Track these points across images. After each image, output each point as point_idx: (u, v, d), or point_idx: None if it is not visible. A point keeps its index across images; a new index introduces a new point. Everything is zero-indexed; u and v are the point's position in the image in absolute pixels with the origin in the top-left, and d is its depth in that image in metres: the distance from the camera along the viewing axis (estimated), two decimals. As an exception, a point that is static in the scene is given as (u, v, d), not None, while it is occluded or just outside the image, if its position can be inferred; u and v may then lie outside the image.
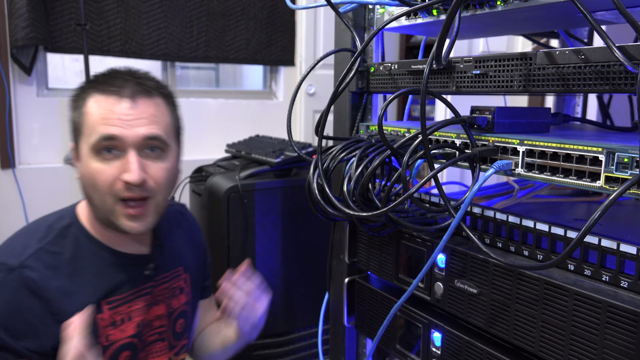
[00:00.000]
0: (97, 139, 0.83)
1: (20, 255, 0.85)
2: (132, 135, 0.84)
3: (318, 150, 0.77)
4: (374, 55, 0.93)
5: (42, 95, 2.70)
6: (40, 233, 0.89)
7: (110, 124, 0.84)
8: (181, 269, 1.05)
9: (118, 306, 0.92)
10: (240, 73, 3.44)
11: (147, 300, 0.96)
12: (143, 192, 0.86)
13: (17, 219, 2.61)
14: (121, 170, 0.84)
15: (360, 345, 1.01)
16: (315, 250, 1.83)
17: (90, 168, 0.85)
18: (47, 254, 0.87)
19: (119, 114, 0.84)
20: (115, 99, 0.85)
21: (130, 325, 0.93)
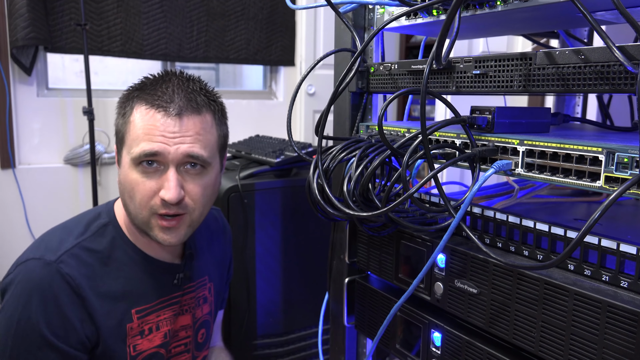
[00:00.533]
0: (138, 154, 0.82)
1: (57, 250, 0.85)
2: (173, 152, 0.82)
3: (318, 150, 0.77)
4: (374, 55, 0.93)
5: (42, 95, 2.70)
6: (79, 229, 0.89)
7: (153, 140, 0.82)
8: (206, 278, 1.05)
9: (146, 315, 0.91)
10: (240, 73, 3.44)
11: (174, 310, 0.95)
12: (179, 210, 0.85)
13: (17, 219, 2.61)
14: (160, 186, 0.83)
15: (360, 345, 1.01)
16: (315, 250, 1.83)
17: (130, 178, 0.84)
18: (84, 251, 0.87)
19: (162, 130, 0.82)
20: (162, 115, 0.82)
21: (157, 335, 0.92)
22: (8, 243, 2.59)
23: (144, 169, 0.83)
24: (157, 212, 0.84)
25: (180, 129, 0.83)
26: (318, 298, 1.05)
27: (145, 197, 0.83)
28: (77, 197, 2.73)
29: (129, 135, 0.85)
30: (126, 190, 0.85)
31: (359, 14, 0.90)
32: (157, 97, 0.84)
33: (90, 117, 2.40)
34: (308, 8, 1.02)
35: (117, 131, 0.88)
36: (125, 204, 0.87)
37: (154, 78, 0.88)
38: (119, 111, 0.88)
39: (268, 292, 1.74)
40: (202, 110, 0.86)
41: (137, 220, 0.86)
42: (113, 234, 0.91)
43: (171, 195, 0.81)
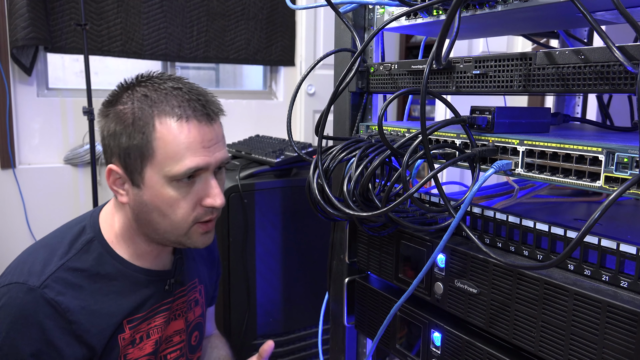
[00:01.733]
0: (184, 171, 0.80)
1: (41, 274, 0.82)
2: (214, 162, 0.83)
3: (318, 150, 0.77)
4: (374, 55, 0.93)
5: (42, 95, 2.70)
6: (62, 248, 0.86)
7: (197, 154, 0.81)
8: (197, 280, 1.04)
9: (138, 324, 0.89)
10: (240, 73, 3.44)
11: (165, 316, 0.94)
12: (218, 213, 0.87)
13: (17, 219, 2.61)
14: (201, 196, 0.83)
15: (360, 345, 1.01)
16: (315, 250, 1.83)
17: (167, 197, 0.82)
18: (69, 272, 0.83)
19: (202, 140, 0.81)
20: (195, 124, 0.81)
21: (148, 343, 0.91)
22: (8, 243, 2.59)
23: (183, 183, 0.82)
24: (201, 220, 0.85)
25: (216, 136, 0.84)
26: (318, 298, 1.05)
27: (188, 210, 0.83)
28: (77, 197, 2.73)
29: (159, 154, 0.80)
30: (159, 209, 0.83)
31: (359, 14, 0.90)
32: (179, 108, 0.81)
33: (90, 117, 2.40)
34: (308, 8, 1.02)
35: (133, 150, 0.81)
36: (154, 222, 0.85)
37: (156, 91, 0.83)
38: (131, 128, 0.81)
39: (268, 292, 1.74)
40: (222, 111, 0.88)
41: (172, 235, 0.85)
42: (99, 250, 0.87)
43: (220, 200, 0.84)
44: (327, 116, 0.78)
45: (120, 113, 0.82)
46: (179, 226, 0.84)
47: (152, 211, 0.84)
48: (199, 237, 0.86)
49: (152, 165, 0.81)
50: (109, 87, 2.93)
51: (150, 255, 0.91)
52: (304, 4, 3.08)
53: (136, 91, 0.83)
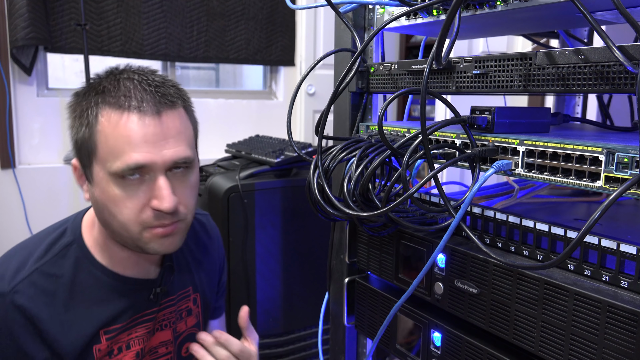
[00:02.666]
0: (121, 168, 0.73)
1: (13, 278, 0.77)
2: (160, 160, 0.74)
3: (318, 150, 0.77)
4: (374, 55, 0.93)
5: (42, 95, 2.70)
6: (39, 252, 0.81)
7: (136, 150, 0.72)
8: (190, 288, 0.97)
9: (117, 335, 0.84)
10: (240, 73, 3.44)
11: (148, 327, 0.88)
12: (173, 219, 0.77)
13: (17, 219, 2.61)
14: (149, 197, 0.75)
15: (360, 345, 1.01)
16: (315, 250, 1.83)
17: (111, 195, 0.75)
18: (43, 277, 0.79)
19: (143, 135, 0.73)
20: (138, 117, 0.73)
21: (128, 355, 0.86)
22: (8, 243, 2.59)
23: (128, 181, 0.74)
24: (150, 225, 0.76)
25: (162, 130, 0.74)
26: (318, 298, 1.05)
27: (134, 211, 0.75)
28: (77, 197, 2.73)
29: (101, 148, 0.74)
30: (106, 208, 0.76)
31: (359, 14, 0.90)
32: (124, 98, 0.74)
33: (90, 117, 2.40)
34: (308, 8, 1.02)
35: (80, 144, 0.77)
36: (106, 222, 0.78)
37: (106, 77, 0.78)
38: (78, 121, 0.77)
39: (268, 292, 1.74)
40: (177, 103, 0.78)
41: (123, 239, 0.78)
42: (77, 254, 0.82)
43: (168, 204, 0.74)
44: (327, 116, 0.78)
45: (74, 104, 0.78)
46: (127, 229, 0.76)
47: (103, 210, 0.77)
48: (156, 243, 0.78)
49: (97, 160, 0.75)
50: (109, 87, 2.82)
51: (129, 263, 0.85)
52: (304, 4, 3.08)
53: (95, 80, 0.78)
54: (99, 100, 0.75)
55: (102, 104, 0.75)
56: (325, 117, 0.77)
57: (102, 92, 0.76)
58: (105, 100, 0.75)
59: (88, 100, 0.76)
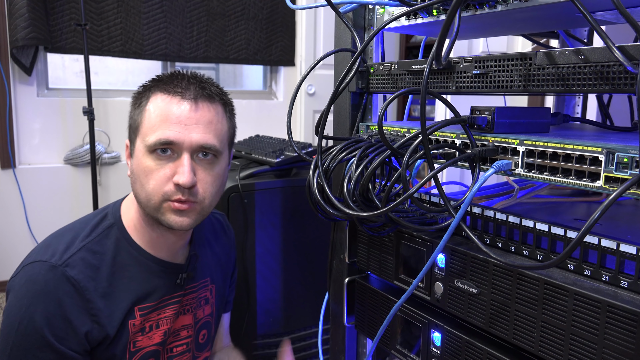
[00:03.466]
0: (154, 142, 0.84)
1: (64, 253, 0.86)
2: (188, 140, 0.84)
3: (318, 150, 0.77)
4: (374, 55, 0.93)
5: (42, 95, 2.70)
6: (85, 232, 0.90)
7: (170, 127, 0.84)
8: (208, 279, 1.05)
9: (149, 313, 0.92)
10: (240, 73, 3.44)
11: (175, 309, 0.96)
12: (191, 197, 0.86)
13: (17, 219, 2.61)
14: (173, 172, 0.85)
15: (360, 345, 1.01)
16: (315, 250, 1.83)
17: (144, 166, 0.85)
18: (89, 253, 0.88)
19: (178, 115, 0.84)
20: (178, 100, 0.85)
21: (157, 333, 0.93)
22: (8, 243, 2.59)
23: (158, 156, 0.85)
24: (170, 198, 0.85)
25: (195, 116, 0.85)
26: (318, 298, 1.05)
27: (160, 182, 0.85)
28: (77, 197, 2.73)
29: (144, 124, 0.86)
30: (139, 178, 0.86)
31: (359, 14, 0.90)
32: (173, 86, 0.87)
33: (90, 117, 2.40)
34: (308, 8, 1.02)
35: (132, 122, 0.90)
36: (137, 192, 0.88)
37: (168, 73, 0.91)
38: (134, 103, 0.90)
39: (268, 292, 1.74)
40: (215, 99, 0.89)
41: (148, 208, 0.87)
42: (117, 235, 0.92)
43: (185, 179, 0.83)
44: (327, 116, 0.78)
45: (135, 93, 0.91)
46: (151, 198, 0.86)
47: (136, 181, 0.88)
48: (171, 214, 0.86)
49: (140, 135, 0.87)
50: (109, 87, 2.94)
51: (162, 245, 0.94)
52: (304, 4, 3.08)
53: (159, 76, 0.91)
54: (154, 87, 0.89)
55: (155, 89, 0.88)
56: (325, 117, 0.77)
57: (158, 81, 0.90)
58: (158, 87, 0.88)
59: (146, 88, 0.90)
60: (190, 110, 0.85)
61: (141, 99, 0.89)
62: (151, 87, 0.88)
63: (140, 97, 0.89)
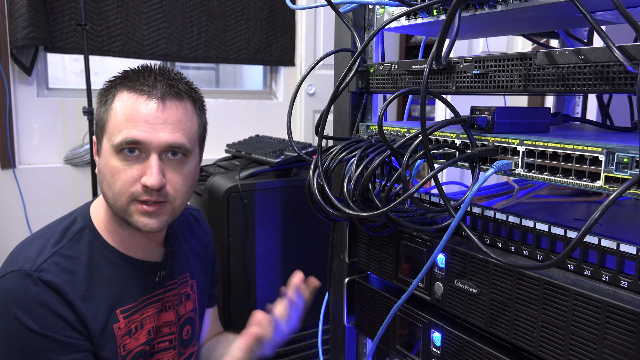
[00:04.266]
0: (120, 141, 0.82)
1: (36, 260, 0.83)
2: (156, 140, 0.82)
3: (318, 150, 0.77)
4: (374, 55, 0.93)
5: (42, 95, 2.70)
6: (55, 237, 0.88)
7: (136, 127, 0.82)
8: (188, 275, 1.04)
9: (132, 314, 0.91)
10: (240, 73, 3.44)
11: (157, 307, 0.95)
12: (160, 197, 0.84)
13: (17, 219, 2.61)
14: (141, 173, 0.83)
15: (360, 345, 1.01)
16: (315, 250, 1.83)
17: (110, 166, 0.84)
18: (62, 258, 0.85)
19: (145, 115, 0.82)
20: (144, 99, 0.83)
21: (142, 333, 0.92)
22: (8, 243, 2.59)
23: (125, 156, 0.83)
24: (138, 198, 0.83)
25: (163, 115, 0.83)
26: (318, 298, 1.05)
27: (127, 183, 0.83)
28: (77, 197, 2.73)
29: (110, 123, 0.84)
30: (106, 178, 0.85)
31: (359, 14, 0.90)
32: (139, 83, 0.84)
33: (90, 117, 2.40)
34: (308, 8, 1.02)
35: (98, 120, 0.88)
36: (104, 192, 0.87)
37: (135, 69, 0.89)
38: (100, 100, 0.87)
39: (268, 292, 1.74)
40: (184, 96, 0.87)
41: (115, 208, 0.86)
42: (90, 238, 0.89)
43: (153, 181, 0.81)
44: (327, 116, 0.78)
45: (101, 89, 0.89)
46: (118, 199, 0.84)
47: (102, 180, 0.86)
48: (139, 216, 0.85)
49: (106, 134, 0.85)
50: (109, 87, 2.81)
51: (135, 245, 0.92)
52: (304, 4, 3.08)
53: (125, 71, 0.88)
54: (120, 84, 0.86)
55: (121, 87, 0.85)
56: (325, 117, 0.77)
57: (124, 77, 0.87)
58: (124, 84, 0.85)
59: (112, 84, 0.87)
60: (157, 109, 0.83)
61: (107, 96, 0.86)
62: (117, 84, 0.86)
63: (106, 94, 0.87)
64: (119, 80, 0.87)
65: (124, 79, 0.86)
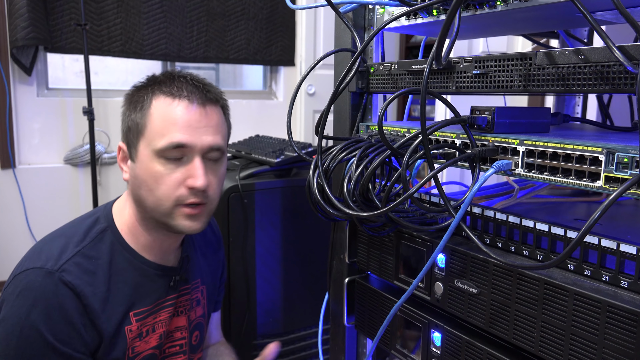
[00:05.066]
0: (165, 145, 0.83)
1: (58, 259, 0.84)
2: (199, 143, 0.85)
3: (318, 150, 0.77)
4: (374, 55, 0.93)
5: (42, 95, 2.70)
6: (78, 237, 0.88)
7: (181, 131, 0.83)
8: (199, 280, 1.05)
9: (145, 317, 0.91)
10: (240, 73, 3.44)
11: (170, 311, 0.96)
12: (203, 199, 0.87)
13: (17, 219, 2.61)
14: (186, 176, 0.85)
15: (360, 345, 1.01)
16: (315, 250, 1.83)
17: (153, 171, 0.84)
18: (84, 258, 0.86)
19: (189, 120, 0.84)
20: (186, 104, 0.85)
21: (154, 337, 0.93)
22: (8, 243, 2.59)
23: (167, 160, 0.84)
24: (184, 202, 0.85)
25: (205, 119, 0.86)
26: (318, 298, 1.05)
27: (171, 187, 0.84)
28: (77, 197, 2.73)
29: (149, 128, 0.85)
30: (146, 183, 0.85)
31: (359, 14, 0.90)
32: (176, 89, 0.86)
33: (90, 117, 2.40)
34: (308, 8, 1.02)
35: (132, 125, 0.88)
36: (142, 197, 0.87)
37: (163, 74, 0.91)
38: (132, 105, 0.88)
39: (268, 292, 1.74)
40: (219, 102, 0.91)
41: (157, 213, 0.86)
42: (111, 239, 0.90)
43: (202, 182, 0.84)
44: (327, 116, 0.78)
45: (130, 95, 0.90)
46: (161, 203, 0.85)
47: (141, 186, 0.87)
48: (183, 220, 0.87)
49: (144, 139, 0.86)
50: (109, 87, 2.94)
51: (156, 249, 0.93)
52: (304, 4, 3.08)
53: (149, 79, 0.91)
54: (155, 89, 0.87)
55: (157, 92, 0.87)
56: (325, 117, 0.77)
57: (158, 83, 0.88)
58: (160, 89, 0.87)
59: (145, 89, 0.88)
60: (200, 113, 0.85)
61: (142, 101, 0.87)
62: (152, 89, 0.87)
63: (141, 99, 0.88)
64: (152, 84, 0.88)
65: (158, 84, 0.88)
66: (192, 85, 0.87)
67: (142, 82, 0.91)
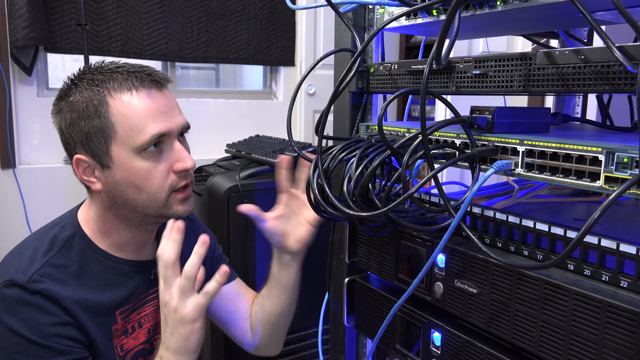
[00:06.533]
0: (147, 139, 0.81)
1: (27, 270, 0.82)
2: (175, 126, 0.85)
3: (318, 150, 0.77)
4: (374, 55, 0.93)
5: (42, 95, 2.70)
6: (44, 247, 0.86)
7: (155, 121, 0.82)
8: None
9: (129, 314, 0.90)
10: (240, 73, 3.44)
11: (155, 304, 0.95)
12: (190, 177, 0.88)
13: (17, 219, 2.61)
14: (171, 162, 0.85)
15: (360, 345, 1.01)
16: (315, 250, 1.83)
17: (138, 169, 0.82)
18: (53, 268, 0.83)
19: (157, 107, 0.83)
20: (146, 94, 0.83)
21: (141, 332, 0.92)
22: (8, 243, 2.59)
23: (148, 154, 0.83)
24: (177, 187, 0.86)
25: (168, 101, 0.85)
26: (318, 298, 1.05)
27: (162, 179, 0.84)
28: (77, 197, 2.73)
29: (120, 129, 0.81)
30: (133, 184, 0.83)
31: (359, 14, 0.90)
32: (125, 82, 0.82)
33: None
34: (308, 8, 1.02)
35: (94, 133, 0.82)
36: (130, 199, 0.85)
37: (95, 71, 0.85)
38: (81, 114, 0.82)
39: (268, 292, 1.74)
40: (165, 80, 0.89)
41: (151, 208, 0.85)
42: (81, 245, 0.87)
43: (191, 161, 0.84)
44: (327, 116, 0.78)
45: (72, 103, 0.84)
46: (156, 197, 0.85)
47: (126, 189, 0.84)
48: (178, 205, 0.87)
49: (117, 141, 0.82)
50: (109, 87, 2.81)
51: (132, 245, 0.92)
52: (304, 4, 3.08)
53: (82, 80, 0.85)
54: (100, 91, 0.82)
55: (107, 92, 0.82)
56: (325, 117, 0.77)
57: (98, 84, 0.82)
58: (108, 88, 0.82)
59: (91, 91, 0.82)
60: (162, 98, 0.84)
61: (95, 106, 0.81)
62: (98, 91, 0.82)
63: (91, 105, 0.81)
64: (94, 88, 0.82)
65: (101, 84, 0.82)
66: (137, 72, 0.84)
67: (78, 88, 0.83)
